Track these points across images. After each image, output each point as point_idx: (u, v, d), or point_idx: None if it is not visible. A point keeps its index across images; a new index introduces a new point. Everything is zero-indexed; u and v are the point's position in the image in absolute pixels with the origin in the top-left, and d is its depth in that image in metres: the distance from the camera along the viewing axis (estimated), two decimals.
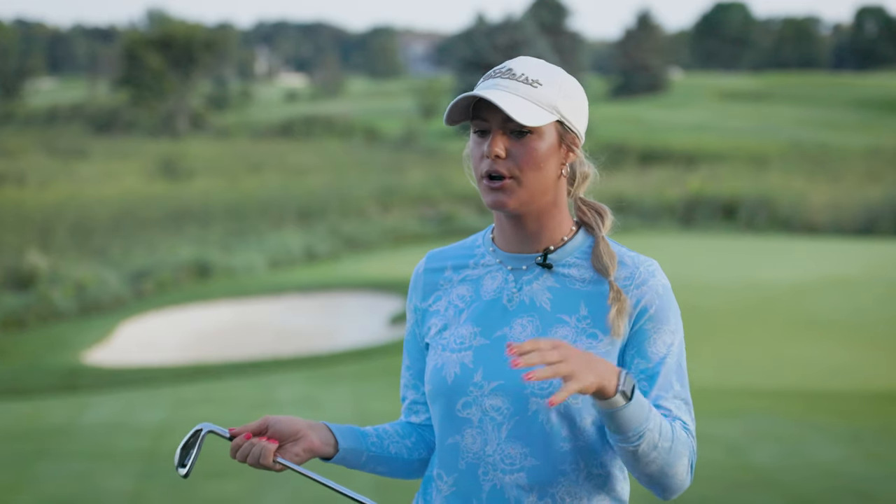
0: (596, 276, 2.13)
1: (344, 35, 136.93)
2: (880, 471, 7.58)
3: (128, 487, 7.20)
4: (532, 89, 2.08)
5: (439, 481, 2.18)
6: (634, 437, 1.98)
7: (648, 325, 2.10)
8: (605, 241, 2.15)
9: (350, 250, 20.72)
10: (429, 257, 2.30)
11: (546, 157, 2.09)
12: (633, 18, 69.01)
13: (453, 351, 2.15)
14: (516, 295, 2.15)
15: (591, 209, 2.19)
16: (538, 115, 2.07)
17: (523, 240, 2.17)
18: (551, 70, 2.13)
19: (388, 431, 2.27)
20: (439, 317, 2.22)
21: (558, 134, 2.11)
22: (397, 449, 2.26)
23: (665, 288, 2.12)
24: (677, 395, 2.10)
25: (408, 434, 2.29)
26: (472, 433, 2.12)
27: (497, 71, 2.13)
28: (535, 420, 2.07)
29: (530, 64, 2.13)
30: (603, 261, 2.12)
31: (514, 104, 2.05)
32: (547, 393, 2.06)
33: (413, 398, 2.32)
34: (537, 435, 2.08)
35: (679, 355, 2.11)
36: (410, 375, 2.31)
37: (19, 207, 22.90)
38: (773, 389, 10.17)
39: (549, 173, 2.10)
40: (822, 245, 20.38)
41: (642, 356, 2.09)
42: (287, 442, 2.14)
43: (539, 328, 2.11)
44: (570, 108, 2.11)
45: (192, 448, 2.15)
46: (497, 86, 2.09)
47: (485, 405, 2.11)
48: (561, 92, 2.10)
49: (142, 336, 14.40)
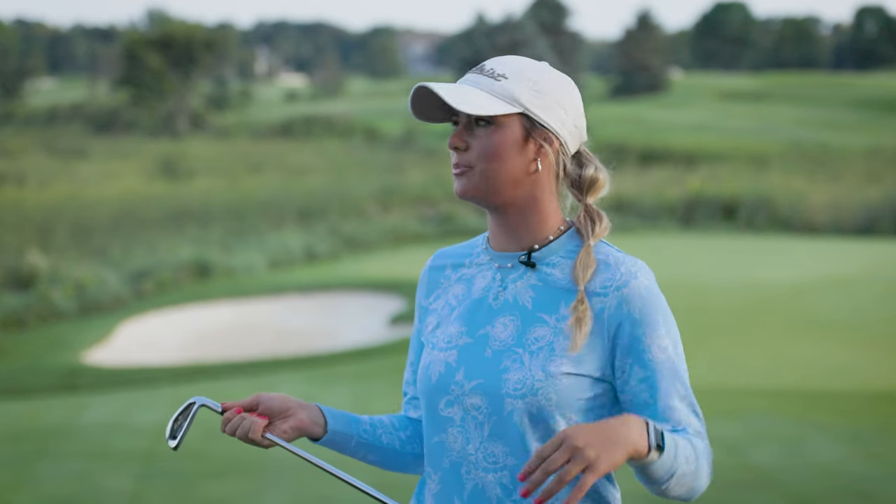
0: None
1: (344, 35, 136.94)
2: (880, 471, 7.59)
3: (127, 487, 7.20)
4: (494, 82, 2.09)
5: (428, 479, 2.19)
6: (665, 479, 1.99)
7: (638, 331, 2.06)
8: (588, 250, 2.11)
9: (350, 250, 20.71)
10: (436, 256, 2.31)
11: (505, 149, 2.09)
12: (633, 18, 69.03)
13: (441, 350, 2.17)
14: (501, 293, 2.16)
15: (587, 216, 2.16)
16: (488, 105, 2.07)
17: (508, 236, 2.17)
18: (527, 67, 2.12)
19: (383, 421, 2.28)
20: (436, 315, 2.24)
21: (523, 128, 2.10)
22: (389, 440, 2.27)
23: (648, 289, 2.08)
24: (682, 398, 2.08)
25: (403, 427, 2.30)
26: (455, 432, 2.13)
27: (475, 67, 2.15)
28: (510, 420, 2.07)
29: (508, 61, 2.13)
30: (576, 269, 2.10)
31: (459, 94, 2.06)
32: (521, 394, 2.05)
33: (413, 393, 2.32)
34: (514, 435, 2.07)
35: (676, 356, 2.08)
36: (412, 371, 2.32)
37: (19, 207, 22.91)
38: (773, 389, 10.17)
39: (512, 165, 2.10)
40: (821, 245, 20.38)
41: (640, 364, 2.06)
42: (277, 419, 2.17)
43: (519, 327, 2.10)
44: (542, 104, 2.10)
45: (184, 421, 2.19)
46: (464, 80, 2.12)
47: (466, 404, 2.11)
48: (529, 87, 2.09)
49: (142, 336, 14.40)
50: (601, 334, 2.07)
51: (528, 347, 2.08)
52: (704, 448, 2.05)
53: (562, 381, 2.04)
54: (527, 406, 2.05)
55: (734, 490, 6.92)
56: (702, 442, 2.06)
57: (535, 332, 2.09)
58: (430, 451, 2.18)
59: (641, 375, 2.06)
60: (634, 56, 66.66)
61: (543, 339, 2.08)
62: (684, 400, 2.08)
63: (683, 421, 2.07)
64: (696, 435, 2.07)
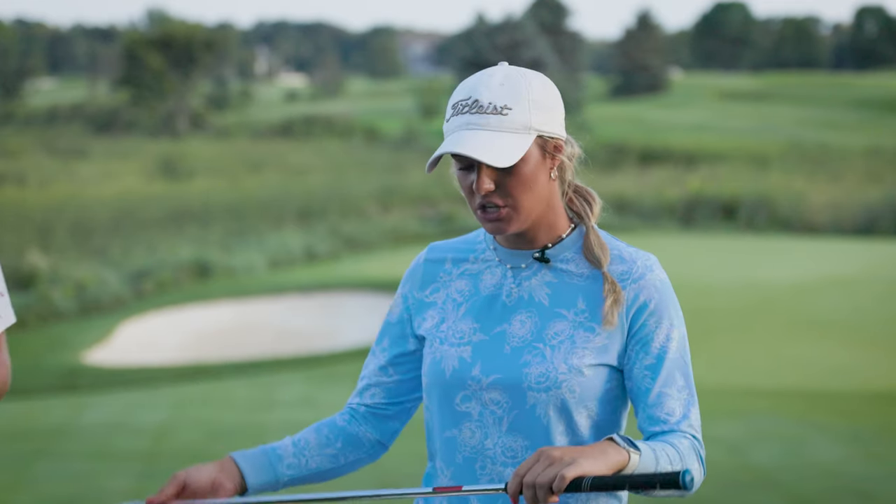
0: (593, 271, 2.15)
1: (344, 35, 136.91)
2: (880, 470, 7.59)
3: (128, 487, 7.19)
4: (502, 118, 2.07)
5: (439, 474, 2.20)
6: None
7: (650, 321, 2.11)
8: (595, 231, 2.17)
9: (350, 250, 20.72)
10: (430, 249, 2.31)
11: (535, 176, 2.10)
12: (633, 18, 69.00)
13: (452, 345, 2.17)
14: (515, 291, 2.17)
15: (579, 197, 2.20)
16: (516, 147, 2.06)
17: (521, 240, 2.19)
18: (516, 85, 2.09)
19: (309, 444, 2.27)
20: (437, 309, 2.23)
21: (540, 148, 2.11)
22: (319, 462, 2.27)
23: (663, 283, 2.14)
24: (679, 389, 2.12)
25: (332, 440, 2.29)
26: (471, 427, 2.14)
27: (464, 104, 2.10)
28: (532, 414, 2.10)
29: (494, 86, 2.09)
30: (594, 252, 2.14)
31: (489, 148, 2.05)
32: (545, 387, 2.08)
33: (376, 381, 2.31)
34: (536, 428, 2.10)
35: (681, 348, 2.13)
36: (384, 357, 2.30)
37: (19, 207, 22.91)
38: (774, 389, 10.17)
39: (541, 187, 2.12)
40: (822, 245, 20.39)
41: (646, 352, 2.11)
42: (208, 496, 2.15)
43: (538, 323, 2.13)
44: (545, 119, 2.10)
45: None
46: (468, 125, 2.08)
47: (484, 399, 2.12)
48: (531, 107, 2.09)
49: (142, 336, 14.40)
50: (620, 324, 2.12)
51: (548, 342, 2.11)
52: (690, 446, 2.07)
53: (584, 373, 2.09)
54: (551, 399, 2.08)
55: (734, 490, 6.93)
56: (687, 441, 2.08)
57: (555, 328, 2.12)
58: (442, 445, 2.18)
59: (647, 363, 2.11)
60: (634, 56, 66.65)
61: (563, 333, 2.11)
62: (682, 391, 2.12)
63: (676, 410, 2.10)
64: (681, 434, 2.09)
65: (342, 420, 2.32)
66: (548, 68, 43.35)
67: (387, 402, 2.31)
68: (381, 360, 2.31)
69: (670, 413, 2.10)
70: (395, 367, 2.30)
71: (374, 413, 2.32)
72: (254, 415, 9.55)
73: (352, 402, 2.34)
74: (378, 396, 2.32)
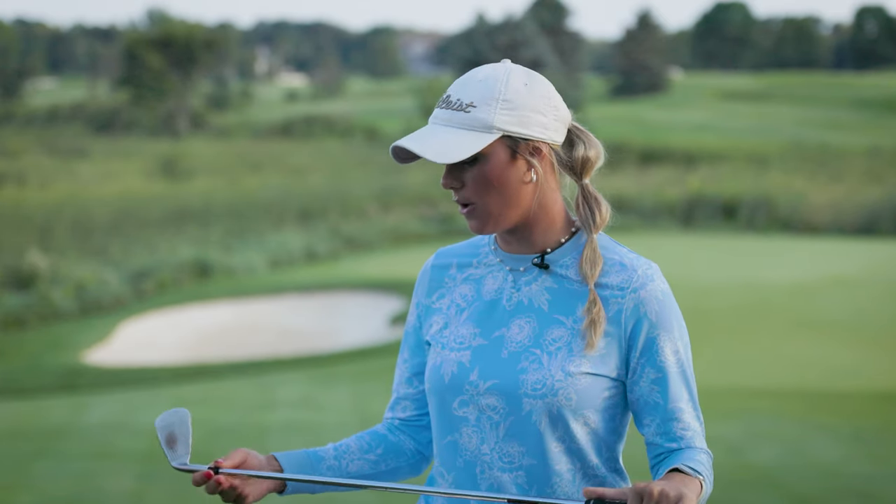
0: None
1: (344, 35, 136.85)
2: (881, 471, 7.58)
3: (128, 487, 7.19)
4: (464, 115, 2.06)
5: (441, 479, 2.19)
6: (704, 500, 2.04)
7: (653, 333, 2.09)
8: (592, 243, 2.12)
9: (350, 250, 20.72)
10: (438, 254, 2.30)
11: (497, 176, 2.07)
12: (633, 18, 69.00)
13: (452, 350, 2.16)
14: (515, 295, 2.15)
15: (586, 203, 2.14)
16: (467, 145, 2.04)
17: (520, 242, 2.16)
18: (492, 84, 2.07)
19: (349, 448, 2.27)
20: (441, 315, 2.22)
21: (508, 148, 2.07)
22: (359, 466, 2.26)
23: (664, 293, 2.10)
24: (688, 402, 2.12)
25: (373, 447, 2.29)
26: (469, 431, 2.13)
27: (441, 99, 2.11)
28: (528, 420, 2.08)
29: (472, 83, 2.08)
30: (583, 267, 2.10)
31: (435, 143, 2.04)
32: (541, 394, 2.06)
33: (404, 393, 2.31)
34: (532, 435, 2.09)
35: (686, 361, 2.12)
36: (407, 369, 2.30)
37: (19, 207, 22.91)
38: (774, 389, 10.17)
39: (510, 188, 2.08)
40: (822, 245, 20.39)
41: (652, 365, 2.09)
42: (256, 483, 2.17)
43: (536, 329, 2.11)
44: (517, 120, 2.05)
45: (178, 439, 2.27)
46: (434, 119, 2.09)
47: (481, 404, 2.11)
48: (500, 107, 2.05)
49: (142, 336, 14.40)
50: (617, 335, 2.09)
51: (545, 348, 2.09)
52: (708, 461, 2.09)
53: (581, 381, 2.07)
54: (546, 406, 2.06)
55: (734, 490, 6.92)
56: (705, 456, 2.09)
57: (553, 334, 2.10)
58: (442, 450, 2.18)
59: (653, 377, 2.09)
60: (634, 56, 66.64)
61: (561, 339, 2.09)
62: (689, 403, 2.12)
63: (690, 426, 2.11)
64: (698, 450, 2.10)
65: (383, 429, 2.33)
66: (548, 68, 43.35)
67: (419, 413, 2.31)
68: (405, 373, 2.31)
69: (685, 429, 2.10)
70: (418, 376, 2.29)
71: (409, 425, 2.32)
72: (254, 415, 9.55)
73: (387, 417, 2.35)
74: (409, 409, 2.31)
